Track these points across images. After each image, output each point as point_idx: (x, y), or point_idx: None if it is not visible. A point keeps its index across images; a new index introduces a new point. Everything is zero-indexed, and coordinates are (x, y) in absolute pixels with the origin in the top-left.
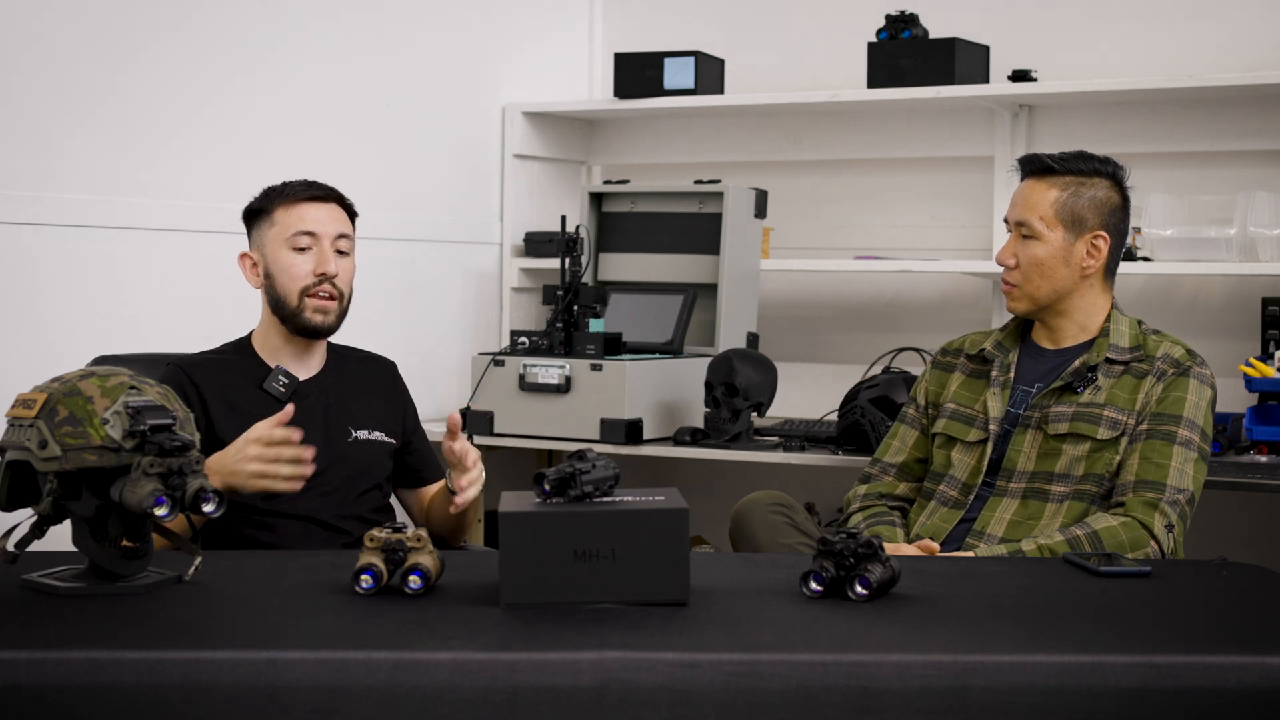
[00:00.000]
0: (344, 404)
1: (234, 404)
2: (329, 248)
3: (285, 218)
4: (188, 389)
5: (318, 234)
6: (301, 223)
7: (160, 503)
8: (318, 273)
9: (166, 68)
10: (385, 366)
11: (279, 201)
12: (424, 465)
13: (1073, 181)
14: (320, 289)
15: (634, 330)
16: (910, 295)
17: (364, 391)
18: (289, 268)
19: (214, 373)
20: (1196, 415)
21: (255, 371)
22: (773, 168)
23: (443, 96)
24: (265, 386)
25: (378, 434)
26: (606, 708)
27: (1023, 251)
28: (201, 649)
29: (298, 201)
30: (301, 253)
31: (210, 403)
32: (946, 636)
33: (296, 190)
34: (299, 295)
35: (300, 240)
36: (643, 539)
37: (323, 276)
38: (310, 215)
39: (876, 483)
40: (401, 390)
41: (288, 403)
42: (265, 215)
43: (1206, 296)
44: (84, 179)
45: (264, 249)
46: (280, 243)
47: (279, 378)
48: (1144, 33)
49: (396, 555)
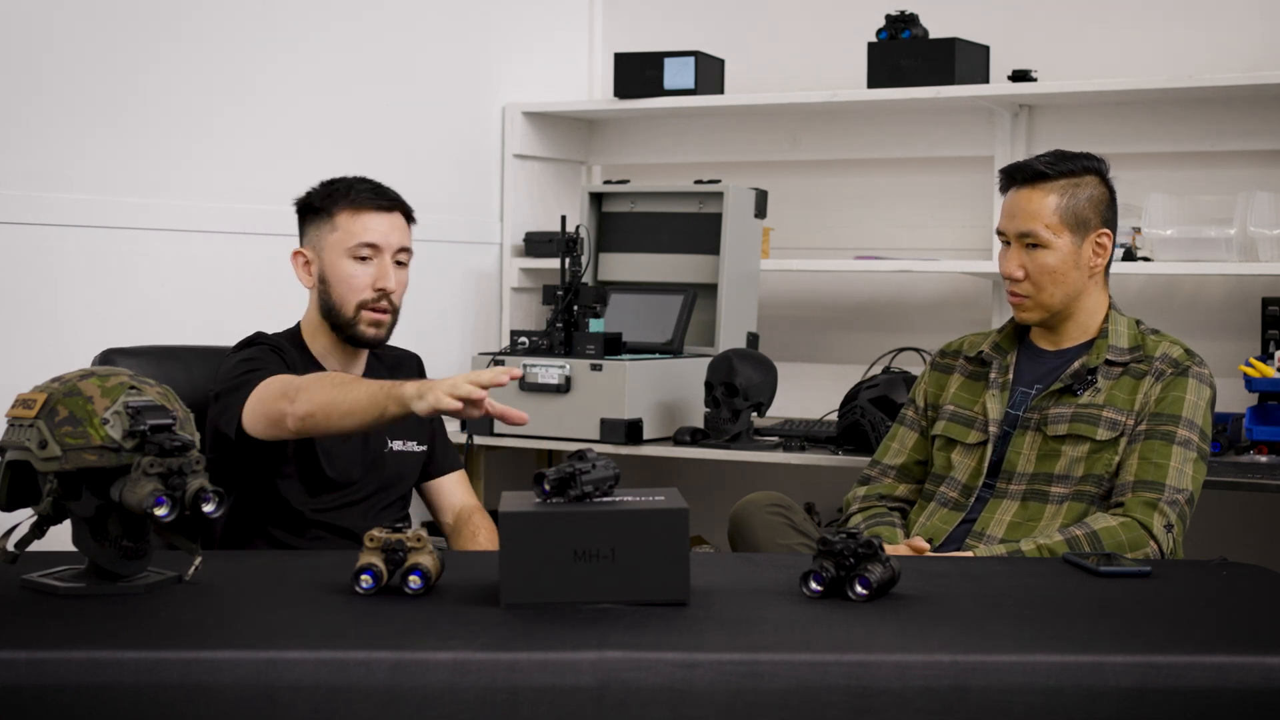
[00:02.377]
0: None
1: None
2: (389, 261)
3: (349, 225)
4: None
5: (380, 246)
6: (365, 233)
7: (160, 503)
8: (376, 287)
9: (169, 69)
10: (412, 362)
11: (343, 205)
12: (434, 459)
13: (1068, 184)
14: (378, 304)
15: (634, 330)
16: (910, 295)
17: None
18: (348, 278)
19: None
20: (1195, 415)
21: (311, 370)
22: (773, 168)
23: (443, 96)
24: None
25: (411, 443)
26: (606, 708)
27: (1031, 261)
28: (201, 649)
29: (363, 209)
30: (362, 263)
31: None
32: (946, 636)
33: (363, 197)
34: (355, 308)
35: (362, 251)
36: (643, 539)
37: (381, 291)
38: (375, 226)
39: (876, 484)
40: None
41: None
42: (326, 217)
43: (1206, 296)
44: (86, 179)
45: (321, 252)
46: (341, 250)
47: None
48: (1144, 33)
49: (396, 555)
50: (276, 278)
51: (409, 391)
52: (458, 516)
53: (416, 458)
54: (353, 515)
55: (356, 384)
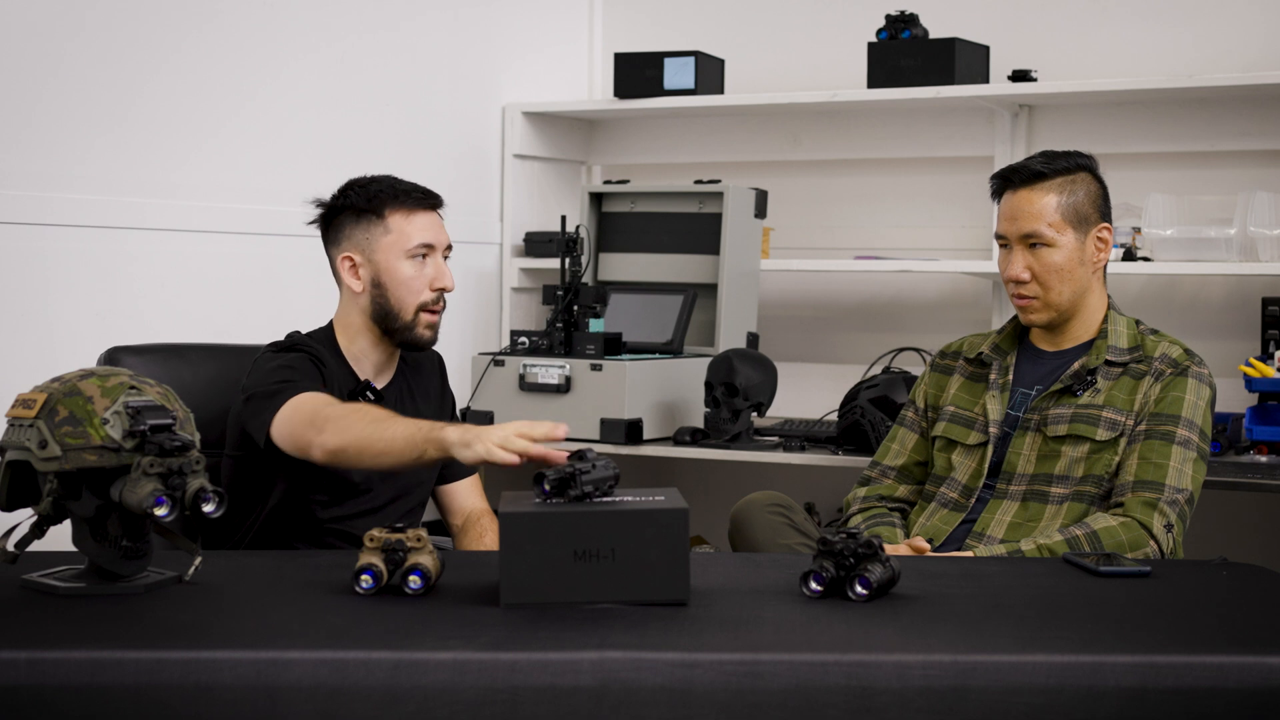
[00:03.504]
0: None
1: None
2: (443, 261)
3: (405, 226)
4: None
5: (435, 245)
6: (423, 233)
7: (160, 503)
8: (435, 287)
9: (170, 69)
10: (434, 362)
11: (394, 205)
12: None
13: (1064, 182)
14: (435, 305)
15: (634, 330)
16: (910, 295)
17: (423, 398)
18: (409, 280)
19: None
20: (1195, 415)
21: (343, 376)
22: (773, 168)
23: (443, 97)
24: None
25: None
26: (606, 708)
27: (1037, 262)
28: (201, 649)
29: (418, 209)
30: (420, 262)
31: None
32: (946, 636)
33: (414, 196)
34: (415, 310)
35: (420, 251)
36: (643, 539)
37: (440, 291)
38: (429, 224)
39: (876, 485)
40: (446, 388)
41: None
42: (375, 219)
43: (1206, 296)
44: (87, 179)
45: (373, 255)
46: (398, 252)
47: (367, 395)
48: (1144, 33)
49: (396, 555)
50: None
51: (452, 437)
52: (467, 519)
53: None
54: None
55: (393, 422)
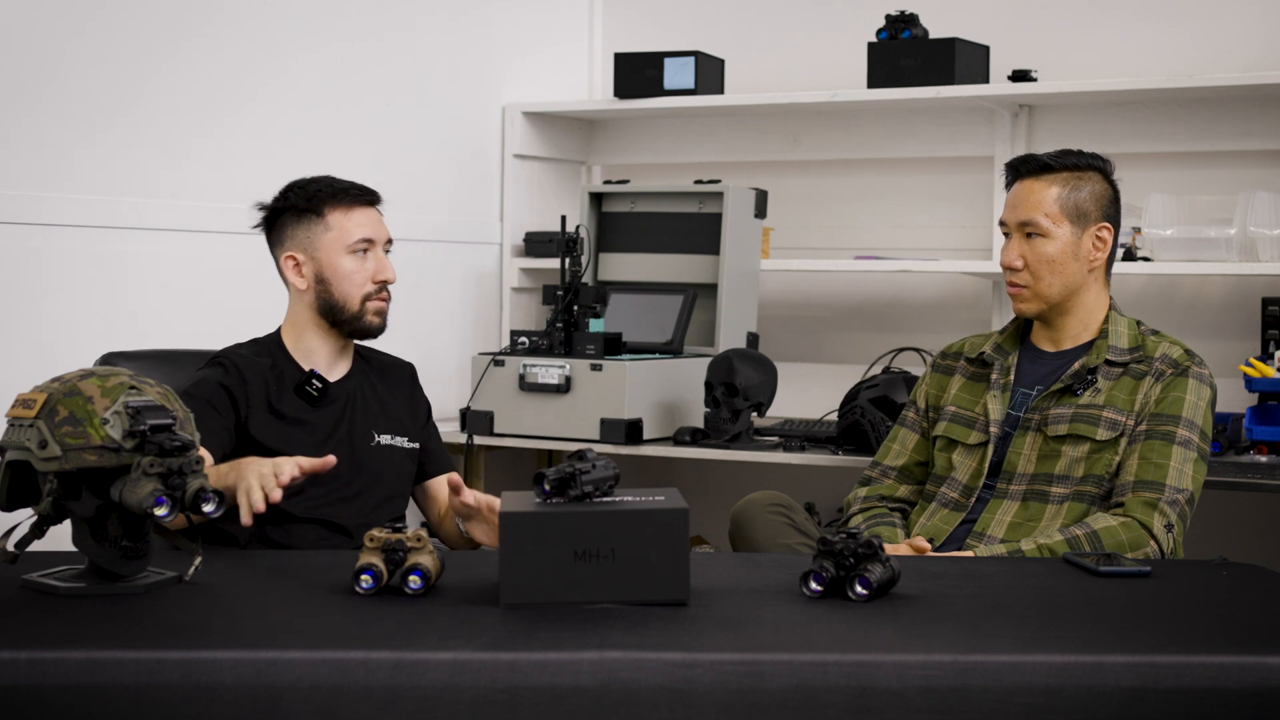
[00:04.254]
0: (369, 407)
1: (271, 404)
2: (384, 254)
3: (344, 223)
4: (236, 384)
5: (374, 239)
6: (361, 228)
7: (160, 503)
8: (378, 279)
9: (169, 69)
10: (405, 369)
11: (332, 204)
12: (430, 460)
13: (1070, 177)
14: (380, 295)
15: (634, 330)
16: (910, 295)
17: (387, 395)
18: (351, 274)
19: (257, 371)
20: (1195, 415)
21: (290, 373)
22: (773, 168)
23: (443, 97)
24: (299, 390)
25: (400, 439)
26: (606, 708)
27: (1030, 251)
28: (201, 649)
29: (355, 205)
30: (361, 256)
31: (253, 400)
32: (946, 636)
33: (349, 193)
34: (360, 301)
35: (360, 246)
36: (643, 539)
37: (383, 283)
38: (367, 220)
39: (877, 485)
40: (418, 391)
41: (320, 406)
42: (316, 217)
43: (1206, 296)
44: (85, 180)
45: (315, 252)
46: (339, 248)
47: (313, 381)
48: (1144, 33)
49: (396, 555)
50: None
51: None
52: (444, 510)
53: (407, 453)
54: (348, 511)
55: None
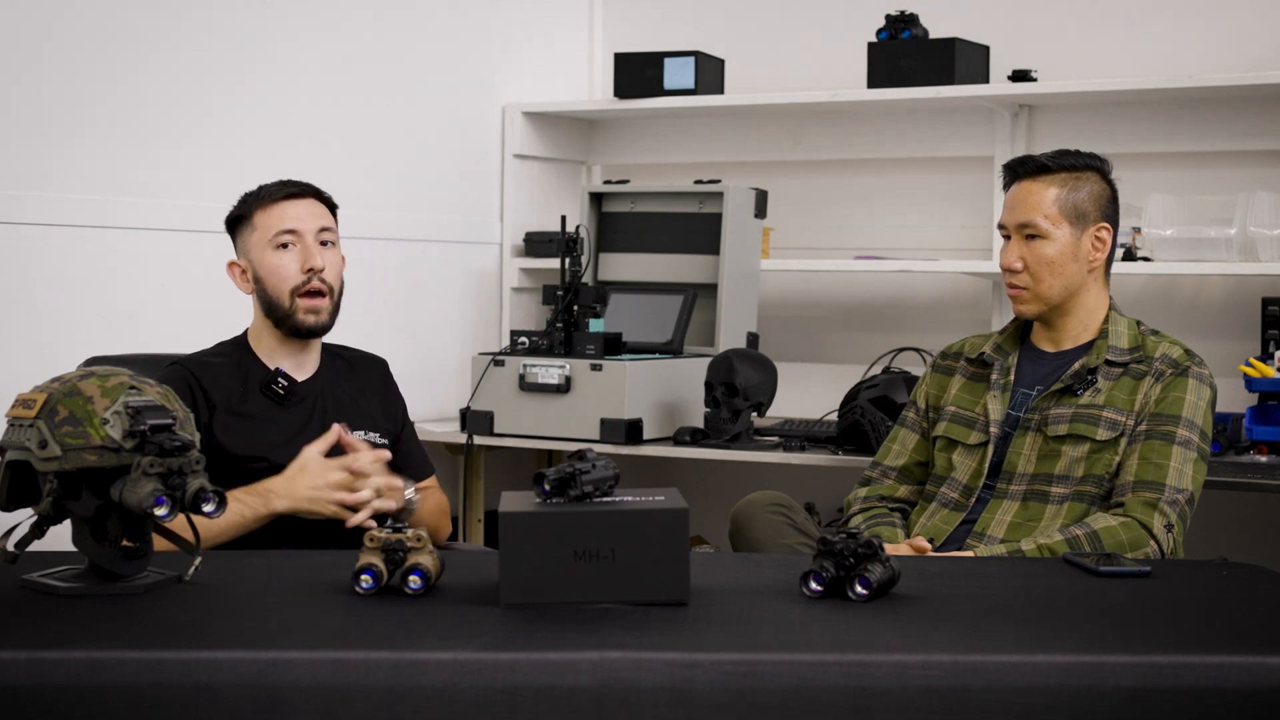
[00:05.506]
0: (340, 405)
1: (235, 405)
2: (312, 243)
3: (265, 220)
4: (193, 388)
5: (299, 230)
6: (281, 222)
7: (160, 503)
8: (305, 269)
9: (166, 68)
10: (377, 365)
11: (256, 205)
12: (406, 464)
13: (1068, 178)
14: (309, 286)
15: (634, 330)
16: (910, 295)
17: (359, 391)
18: (276, 268)
19: (217, 374)
20: (1195, 415)
21: (255, 373)
22: (773, 168)
23: (443, 96)
24: (265, 389)
25: (373, 435)
26: (606, 708)
27: (1030, 253)
28: (201, 649)
29: (275, 202)
30: (285, 250)
31: (214, 403)
32: (946, 636)
33: (272, 191)
34: (290, 295)
35: (283, 239)
36: (643, 539)
37: (311, 272)
38: (290, 213)
39: (877, 485)
40: (393, 388)
41: (287, 405)
42: (246, 221)
43: (1206, 296)
44: (83, 179)
45: (249, 254)
46: (264, 245)
47: (279, 380)
48: (1144, 33)
49: (396, 555)
50: None
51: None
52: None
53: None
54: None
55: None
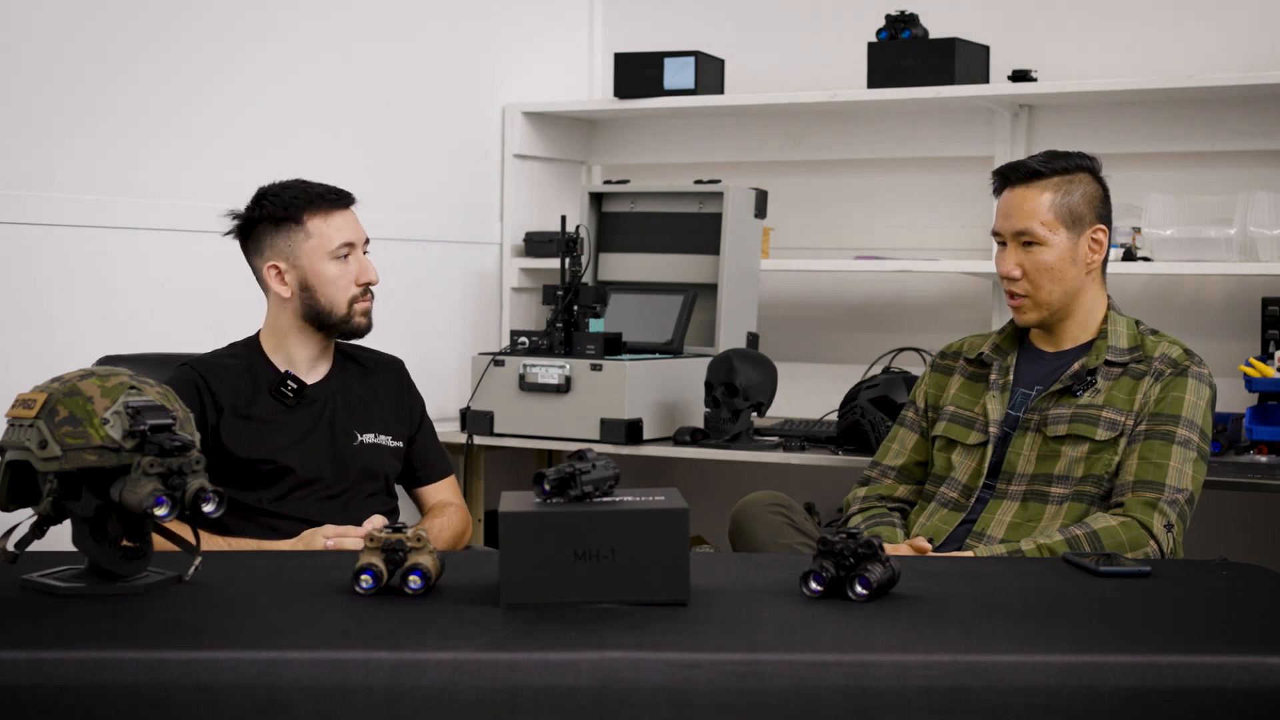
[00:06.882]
0: (350, 407)
1: (243, 408)
2: (363, 253)
3: (324, 229)
4: (201, 390)
5: (355, 242)
6: (341, 233)
7: (160, 503)
8: (362, 282)
9: (167, 67)
10: (392, 366)
11: (310, 210)
12: (421, 465)
13: (1061, 181)
14: (365, 296)
15: (634, 330)
16: (910, 295)
17: (371, 393)
18: (336, 280)
19: (226, 375)
20: (1195, 415)
21: (265, 375)
22: (773, 168)
23: (443, 96)
24: (274, 392)
25: (384, 437)
26: (606, 708)
27: (1028, 260)
28: (201, 649)
29: (333, 210)
30: (344, 261)
31: (222, 405)
32: (946, 636)
33: (328, 198)
34: (348, 304)
35: (342, 251)
36: (643, 539)
37: (367, 285)
38: (346, 224)
39: (876, 485)
40: (409, 389)
41: (296, 408)
42: (294, 225)
43: (1206, 296)
44: (84, 179)
45: (298, 260)
46: (322, 255)
47: (288, 382)
48: (1144, 33)
49: (396, 555)
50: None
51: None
52: (432, 509)
53: (391, 451)
54: (332, 509)
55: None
